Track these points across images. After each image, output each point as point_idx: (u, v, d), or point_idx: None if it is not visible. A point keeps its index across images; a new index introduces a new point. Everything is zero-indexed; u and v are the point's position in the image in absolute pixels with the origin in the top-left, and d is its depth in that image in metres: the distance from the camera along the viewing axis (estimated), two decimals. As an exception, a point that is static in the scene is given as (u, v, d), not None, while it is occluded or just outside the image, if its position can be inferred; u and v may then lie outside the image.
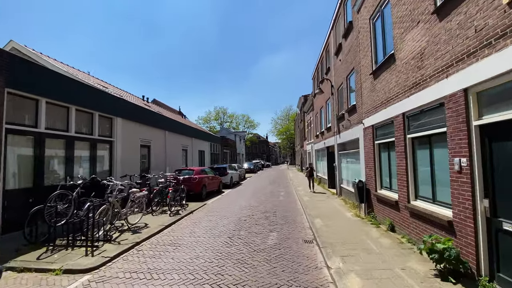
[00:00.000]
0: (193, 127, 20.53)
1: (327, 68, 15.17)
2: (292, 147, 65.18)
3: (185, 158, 17.90)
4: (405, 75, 5.76)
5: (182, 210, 9.28)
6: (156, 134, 13.68)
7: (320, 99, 17.78)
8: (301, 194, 13.61)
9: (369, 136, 8.06)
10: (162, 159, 14.14)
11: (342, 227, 7.03)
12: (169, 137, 15.17)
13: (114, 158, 10.05)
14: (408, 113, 5.75)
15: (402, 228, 6.01)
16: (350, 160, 11.05)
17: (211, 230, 6.89)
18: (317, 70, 19.23)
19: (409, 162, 5.79)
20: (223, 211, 9.47)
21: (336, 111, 12.81)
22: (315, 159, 21.06)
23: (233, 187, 17.25)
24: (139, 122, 11.92)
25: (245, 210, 9.64)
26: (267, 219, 8.24)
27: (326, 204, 10.49)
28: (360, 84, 8.92)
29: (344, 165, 12.17)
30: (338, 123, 12.37)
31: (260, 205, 10.64)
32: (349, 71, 10.45)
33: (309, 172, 14.57)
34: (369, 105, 8.11)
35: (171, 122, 16.06)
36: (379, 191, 7.59)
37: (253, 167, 35.14)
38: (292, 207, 10.42)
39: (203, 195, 12.13)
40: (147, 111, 13.11)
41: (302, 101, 30.49)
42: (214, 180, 13.97)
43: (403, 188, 5.96)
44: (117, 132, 10.24)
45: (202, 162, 21.51)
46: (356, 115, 9.49)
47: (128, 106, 11.21)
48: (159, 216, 8.32)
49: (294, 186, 17.38)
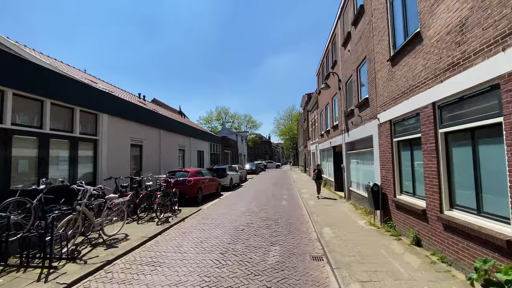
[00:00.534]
0: (191, 126, 19.54)
1: (333, 62, 14.10)
2: (295, 147, 64.06)
3: (182, 159, 16.91)
4: (437, 56, 4.69)
5: (173, 216, 8.26)
6: (150, 133, 12.70)
7: (325, 95, 16.70)
8: (305, 197, 12.54)
9: (386, 133, 6.99)
10: (156, 159, 13.16)
11: (357, 239, 5.95)
12: (165, 136, 14.19)
13: (99, 159, 9.07)
14: (441, 103, 4.68)
15: (432, 243, 4.93)
16: (361, 161, 9.96)
17: (201, 243, 5.85)
18: (322, 65, 18.17)
19: (441, 163, 4.72)
20: (219, 218, 8.44)
21: (344, 107, 11.74)
22: (320, 159, 19.96)
23: (233, 190, 16.22)
24: (129, 119, 10.94)
25: (244, 216, 8.60)
26: (268, 228, 7.19)
27: (334, 210, 9.41)
28: (374, 74, 7.85)
29: (353, 166, 11.09)
30: (347, 120, 11.29)
31: (261, 210, 9.60)
32: (359, 61, 9.38)
33: (316, 175, 12.71)
34: (385, 97, 7.03)
35: (167, 120, 15.07)
36: (398, 197, 6.51)
37: (255, 168, 34.08)
38: (296, 213, 9.36)
39: (198, 199, 11.11)
40: (138, 107, 12.12)
41: (306, 99, 29.39)
42: (211, 183, 12.95)
43: (433, 195, 4.88)
44: (103, 129, 9.26)
45: (201, 163, 20.52)
46: (369, 110, 8.42)
47: (115, 102, 10.24)
48: (145, 224, 7.30)
49: (298, 188, 16.31)
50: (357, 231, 6.59)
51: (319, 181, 12.64)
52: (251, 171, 33.07)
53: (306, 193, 14.25)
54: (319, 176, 12.66)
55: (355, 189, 10.61)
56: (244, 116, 61.95)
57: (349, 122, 10.98)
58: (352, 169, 11.30)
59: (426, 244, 5.17)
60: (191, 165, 17.90)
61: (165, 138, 14.19)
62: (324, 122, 17.38)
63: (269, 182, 21.58)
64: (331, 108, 14.96)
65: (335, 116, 14.49)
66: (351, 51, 10.42)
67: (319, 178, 12.64)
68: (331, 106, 14.92)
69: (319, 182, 12.63)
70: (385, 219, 7.04)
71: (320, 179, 12.63)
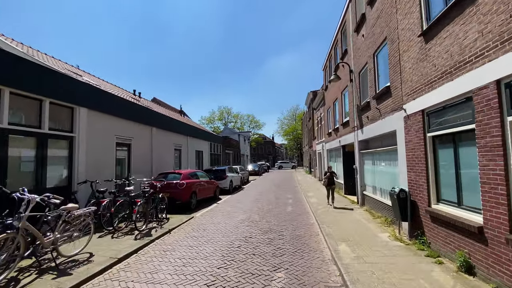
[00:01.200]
0: (188, 124, 18.29)
1: (343, 52, 12.75)
2: (299, 148, 62.61)
3: (178, 160, 15.67)
4: (503, 16, 3.36)
5: (159, 227, 6.99)
6: (140, 131, 11.47)
7: (333, 90, 15.35)
8: (313, 202, 11.20)
9: (416, 127, 5.64)
10: (147, 160, 11.93)
11: (384, 261, 4.61)
12: (158, 135, 12.96)
13: (76, 159, 7.84)
14: (511, 79, 3.34)
15: (495, 273, 3.57)
16: (378, 161, 8.60)
17: (184, 267, 4.56)
18: (329, 58, 16.82)
19: (511, 163, 3.38)
20: (212, 229, 7.14)
21: (356, 100, 10.38)
22: (326, 160, 18.59)
23: (233, 193, 14.92)
24: (115, 115, 9.71)
25: (242, 227, 7.30)
26: (271, 243, 5.88)
27: (348, 218, 8.07)
28: (398, 56, 6.50)
29: (368, 167, 9.72)
30: (360, 115, 9.94)
31: (263, 219, 8.28)
32: (377, 45, 8.04)
33: (328, 179, 10.24)
34: (415, 82, 5.69)
35: (159, 117, 13.82)
36: (435, 207, 5.15)
37: (258, 169, 32.74)
38: (303, 222, 8.03)
39: (192, 205, 9.83)
40: (125, 102, 10.84)
41: (311, 97, 28.02)
42: (208, 186, 11.67)
43: (498, 208, 3.53)
44: (80, 125, 8.04)
45: (200, 164, 19.28)
46: (391, 101, 7.07)
47: (97, 95, 9.00)
48: (121, 239, 6.02)
49: (304, 192, 14.97)
50: (382, 249, 5.24)
51: (332, 188, 10.22)
52: (253, 172, 31.77)
53: (313, 197, 12.90)
54: (331, 181, 10.24)
55: (371, 194, 9.24)
56: (247, 116, 60.73)
57: (363, 117, 9.62)
58: (366, 171, 9.93)
59: (483, 273, 3.82)
60: (189, 166, 16.65)
61: (158, 137, 12.96)
62: (332, 120, 16.02)
63: (272, 184, 20.24)
64: (340, 104, 13.60)
65: (344, 112, 13.13)
66: (366, 35, 9.06)
67: (332, 183, 10.23)
68: (340, 101, 13.56)
69: (332, 189, 10.21)
70: (415, 233, 5.68)
71: (333, 185, 10.21)
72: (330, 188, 10.24)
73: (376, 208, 8.53)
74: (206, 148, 20.78)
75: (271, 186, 18.81)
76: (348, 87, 11.92)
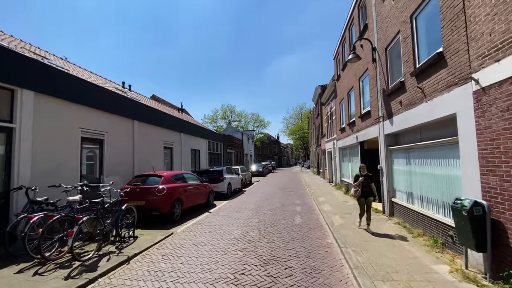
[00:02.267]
0: (182, 119, 16.31)
1: (361, 30, 10.62)
2: (306, 147, 60.31)
3: (169, 159, 13.71)
4: None
5: (117, 252, 5.00)
6: (117, 124, 9.54)
7: (348, 78, 13.20)
8: (327, 210, 9.10)
9: (505, 103, 3.53)
10: (127, 160, 9.98)
11: None
12: (142, 130, 11.02)
13: (16, 158, 5.91)
14: None
15: None
16: (420, 160, 6.45)
17: None
18: (343, 42, 14.65)
19: None
20: (191, 255, 5.10)
21: (382, 84, 8.26)
22: (338, 159, 16.44)
23: (232, 198, 12.87)
24: (78, 102, 7.76)
25: (234, 252, 5.25)
26: (274, 287, 3.82)
27: (378, 237, 5.95)
28: (462, 3, 4.38)
29: (400, 167, 7.58)
30: (388, 101, 7.81)
31: (263, 237, 6.22)
32: (418, 2, 5.93)
33: (362, 187, 6.54)
34: (500, 34, 3.58)
35: (144, 108, 11.82)
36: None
37: (262, 170, 30.63)
38: (318, 241, 5.95)
39: (175, 216, 7.80)
40: (93, 87, 8.63)
41: (319, 91, 25.84)
42: (198, 190, 9.64)
43: None
44: (23, 114, 6.10)
45: (197, 164, 17.30)
46: (445, 73, 4.95)
47: (48, 74, 6.99)
48: (46, 276, 4.01)
49: (314, 196, 12.85)
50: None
51: (369, 202, 6.54)
52: (257, 173, 29.72)
53: (325, 203, 10.80)
54: (367, 190, 6.52)
55: (405, 202, 7.12)
56: (252, 115, 58.45)
57: (392, 103, 7.49)
58: (397, 173, 7.79)
59: None
60: (183, 166, 14.68)
61: (142, 132, 11.02)
62: (346, 113, 13.86)
63: (276, 187, 18.13)
64: (358, 92, 11.46)
65: (363, 101, 11.00)
66: (399, -5, 6.94)
67: (368, 194, 6.54)
68: (358, 90, 11.41)
69: (369, 204, 6.53)
70: (501, 271, 3.56)
71: (369, 197, 6.56)
72: (366, 203, 6.54)
73: (415, 222, 6.41)
74: (204, 147, 18.79)
75: (275, 189, 16.71)
76: (368, 70, 9.78)
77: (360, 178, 6.60)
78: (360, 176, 6.68)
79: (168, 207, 7.42)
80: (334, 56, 17.25)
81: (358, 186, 6.62)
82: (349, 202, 10.91)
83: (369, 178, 6.63)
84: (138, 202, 7.26)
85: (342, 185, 15.25)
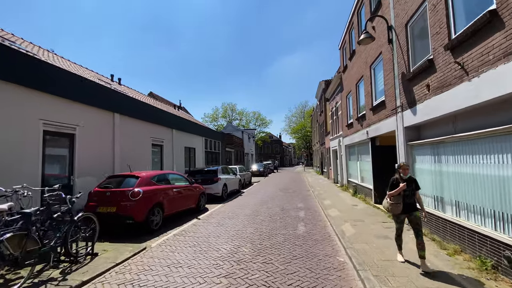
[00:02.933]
0: (173, 114, 15.03)
1: (374, 8, 9.29)
2: (308, 146, 58.93)
3: (159, 158, 12.48)
4: None
5: (61, 278, 3.75)
6: (92, 117, 8.32)
7: (357, 67, 11.88)
8: (334, 216, 7.80)
9: None
10: (105, 158, 8.76)
11: None
12: (125, 125, 9.80)
13: None
14: None
15: None
16: (454, 157, 5.12)
17: None
18: (350, 28, 13.30)
19: None
20: (159, 285, 3.84)
21: (403, 66, 6.94)
22: (344, 158, 15.10)
23: (227, 201, 11.59)
24: (39, 89, 6.53)
25: (218, 278, 3.97)
26: None
27: (403, 252, 4.64)
28: None
29: (425, 167, 6.25)
30: (410, 87, 6.49)
31: (258, 254, 4.94)
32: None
33: (404, 198, 4.29)
34: None
35: (127, 101, 10.56)
36: None
37: (263, 170, 29.30)
38: (327, 260, 4.67)
39: (154, 224, 6.53)
40: (58, 71, 7.35)
41: (323, 86, 24.49)
42: (186, 193, 8.35)
43: None
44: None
45: (192, 163, 16.07)
46: (500, 38, 3.63)
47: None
48: None
49: (318, 198, 11.55)
50: None
51: (414, 219, 4.30)
52: (258, 172, 28.43)
53: (331, 206, 9.50)
54: (411, 204, 4.33)
55: (432, 209, 5.81)
56: (253, 113, 57.13)
57: (416, 88, 6.18)
58: (421, 173, 6.46)
59: None
60: (174, 165, 13.45)
61: (125, 127, 9.79)
62: (354, 106, 12.52)
63: (277, 188, 16.83)
64: (368, 82, 10.13)
65: (375, 92, 9.68)
66: (425, -47, 5.62)
67: (411, 207, 4.32)
68: (368, 79, 10.09)
69: (415, 222, 4.27)
70: None
71: (413, 211, 4.32)
72: (411, 221, 4.34)
73: (447, 235, 5.10)
74: (199, 145, 17.54)
75: (276, 190, 15.41)
76: (382, 54, 8.47)
77: (401, 184, 4.27)
78: (400, 180, 4.36)
79: (144, 214, 6.15)
80: (340, 46, 15.89)
81: (398, 197, 4.28)
82: (358, 205, 9.60)
83: (414, 183, 4.43)
84: (108, 208, 6.01)
85: (349, 186, 13.93)
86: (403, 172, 4.42)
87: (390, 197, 4.40)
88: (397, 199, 4.32)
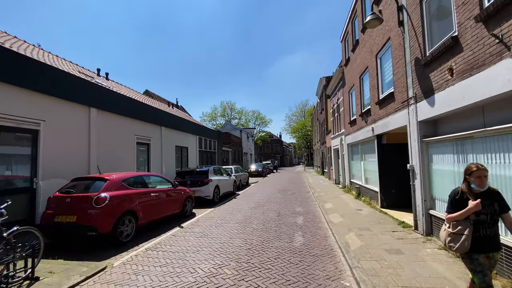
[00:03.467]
0: (161, 109, 13.98)
1: (380, -10, 8.30)
2: (309, 146, 57.92)
3: (145, 158, 11.51)
4: None
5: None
6: (62, 112, 7.36)
7: (361, 58, 10.88)
8: (337, 223, 6.81)
9: None
10: (79, 158, 7.79)
11: None
12: (103, 120, 8.83)
13: None
14: None
15: None
16: (485, 155, 4.13)
17: None
18: (352, 19, 12.30)
19: None
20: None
21: (417, 50, 5.94)
22: (347, 157, 14.11)
23: (219, 204, 10.60)
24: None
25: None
26: None
27: (421, 271, 3.65)
28: None
29: (445, 167, 5.26)
30: (426, 72, 5.50)
31: (243, 278, 3.95)
32: None
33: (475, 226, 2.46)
34: None
35: (106, 94, 9.52)
36: None
37: (262, 170, 28.31)
38: (328, 283, 3.68)
39: (124, 236, 5.54)
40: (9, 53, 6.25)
41: (324, 83, 23.50)
42: (168, 198, 7.35)
43: None
44: None
45: (184, 163, 15.10)
46: None
47: None
48: None
49: (319, 201, 10.56)
50: None
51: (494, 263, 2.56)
52: (256, 173, 27.48)
53: (333, 211, 8.51)
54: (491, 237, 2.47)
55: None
56: (252, 112, 56.09)
57: (435, 74, 5.18)
58: (439, 174, 5.48)
59: None
60: (163, 166, 12.48)
61: (103, 123, 8.82)
62: (358, 101, 11.52)
63: (275, 189, 15.84)
64: (374, 74, 9.14)
65: (382, 83, 8.70)
66: None
67: (493, 245, 2.50)
68: (375, 70, 9.09)
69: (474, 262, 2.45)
70: None
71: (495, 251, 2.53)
72: (491, 266, 2.56)
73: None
74: (192, 144, 16.57)
75: (274, 191, 14.43)
76: (391, 40, 7.48)
77: (474, 202, 2.42)
78: (470, 194, 2.52)
79: (111, 225, 5.16)
80: (342, 38, 14.88)
81: (463, 222, 2.50)
82: (363, 210, 8.62)
83: (498, 200, 2.50)
84: (67, 217, 5.04)
85: (352, 187, 12.94)
86: (476, 181, 2.47)
87: (448, 222, 2.60)
88: (464, 227, 2.47)
